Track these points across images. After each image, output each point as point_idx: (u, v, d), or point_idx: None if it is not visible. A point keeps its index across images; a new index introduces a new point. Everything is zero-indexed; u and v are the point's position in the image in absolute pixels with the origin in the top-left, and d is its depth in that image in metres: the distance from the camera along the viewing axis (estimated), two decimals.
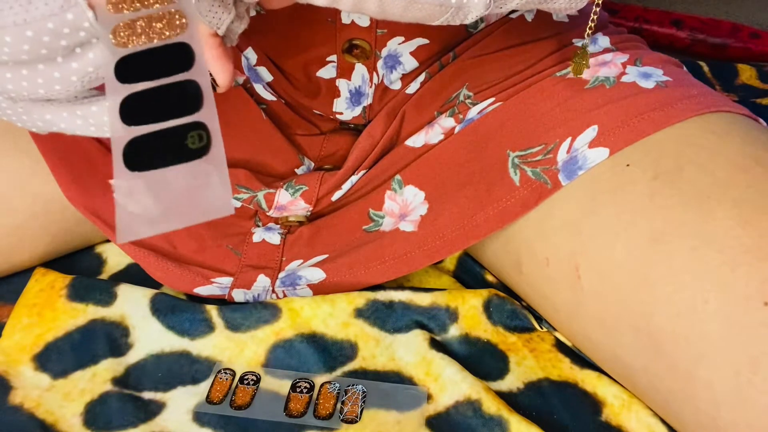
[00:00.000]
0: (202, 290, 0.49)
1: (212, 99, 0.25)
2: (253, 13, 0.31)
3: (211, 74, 0.32)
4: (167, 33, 0.27)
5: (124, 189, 0.24)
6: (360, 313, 0.47)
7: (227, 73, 0.32)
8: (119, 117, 0.25)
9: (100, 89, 0.31)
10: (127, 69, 0.26)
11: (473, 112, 0.50)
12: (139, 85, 0.26)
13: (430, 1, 0.31)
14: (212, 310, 0.46)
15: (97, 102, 0.31)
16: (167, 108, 0.25)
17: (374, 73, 0.53)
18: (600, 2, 0.38)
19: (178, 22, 0.27)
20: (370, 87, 0.54)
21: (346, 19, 0.49)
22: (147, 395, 0.43)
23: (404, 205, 0.49)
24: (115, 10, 0.27)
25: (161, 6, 0.27)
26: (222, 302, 0.48)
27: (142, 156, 0.24)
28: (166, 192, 0.24)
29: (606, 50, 0.49)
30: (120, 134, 0.25)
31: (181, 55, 0.26)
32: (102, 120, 0.31)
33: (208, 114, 0.25)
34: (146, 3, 0.27)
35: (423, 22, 0.32)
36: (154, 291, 0.48)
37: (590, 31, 0.40)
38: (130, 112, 0.25)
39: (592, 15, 0.39)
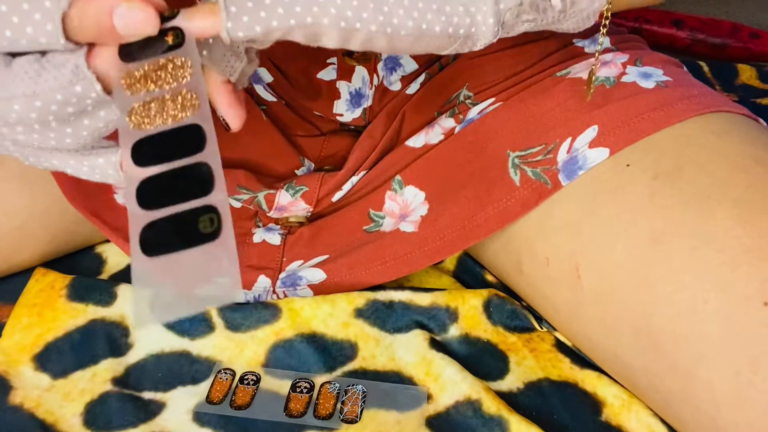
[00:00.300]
0: None
1: (222, 180, 0.26)
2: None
3: (223, 118, 0.34)
4: (180, 115, 0.27)
5: (142, 275, 0.25)
6: (360, 313, 0.47)
7: (240, 118, 0.34)
8: (136, 201, 0.26)
9: (110, 138, 0.31)
10: (142, 151, 0.27)
11: (473, 113, 0.50)
12: (153, 168, 0.26)
13: (438, 35, 0.31)
14: (212, 310, 0.46)
15: (104, 154, 0.31)
16: (180, 191, 0.26)
17: (374, 75, 0.53)
18: (609, 16, 0.37)
19: (190, 103, 0.27)
20: (371, 89, 0.54)
21: None
22: (147, 395, 0.43)
23: (404, 206, 0.49)
24: (130, 91, 0.27)
25: (174, 85, 0.28)
26: None
27: (157, 240, 0.25)
28: (180, 277, 0.25)
29: (606, 50, 0.49)
30: (137, 217, 0.26)
31: (193, 136, 0.27)
32: (107, 172, 0.32)
33: (219, 196, 0.26)
34: (159, 83, 0.28)
35: (433, 53, 0.33)
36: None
37: (599, 51, 0.40)
38: (146, 195, 0.26)
39: (601, 29, 0.39)
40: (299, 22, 0.29)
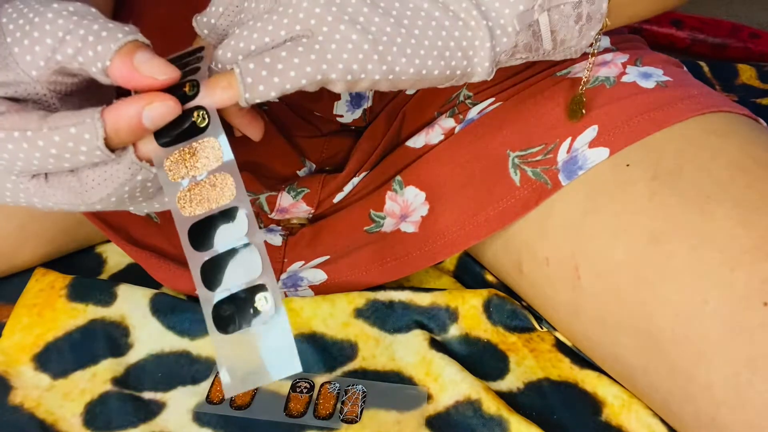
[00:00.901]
0: None
1: (267, 260, 0.29)
2: None
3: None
4: (221, 199, 0.30)
5: (225, 350, 0.29)
6: (360, 313, 0.47)
7: (259, 131, 0.39)
8: (202, 283, 0.30)
9: None
10: (195, 236, 0.30)
11: (473, 112, 0.50)
12: (208, 252, 0.30)
13: (436, 77, 0.33)
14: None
15: (157, 199, 0.34)
16: (236, 272, 0.29)
17: None
18: (600, 38, 0.39)
19: (227, 185, 0.30)
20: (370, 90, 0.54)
21: None
22: (147, 395, 0.43)
23: (405, 206, 0.49)
24: (173, 178, 0.30)
25: (208, 166, 0.31)
26: None
27: (226, 319, 0.29)
28: (251, 352, 0.29)
29: (606, 50, 0.49)
30: (205, 297, 0.30)
31: (234, 217, 0.30)
32: (154, 206, 0.34)
33: (267, 276, 0.29)
34: (197, 166, 0.30)
35: (430, 87, 0.35)
36: (154, 291, 0.48)
37: (589, 69, 0.42)
38: (207, 277, 0.30)
39: (592, 49, 0.40)
40: (310, 81, 0.31)
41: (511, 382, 0.44)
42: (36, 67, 0.29)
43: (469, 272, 0.53)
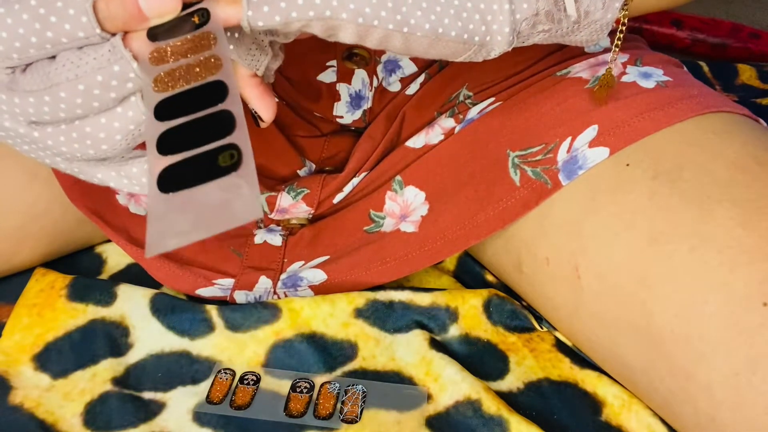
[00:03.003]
0: (203, 291, 0.49)
1: (245, 125, 0.26)
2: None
3: (254, 112, 0.35)
4: (204, 74, 0.28)
5: (156, 209, 0.25)
6: (360, 313, 0.47)
7: (271, 109, 0.35)
8: (155, 148, 0.26)
9: (142, 147, 0.32)
10: (164, 109, 0.27)
11: (473, 112, 0.50)
12: (175, 121, 0.27)
13: (453, 39, 0.32)
14: (212, 310, 0.46)
15: (138, 164, 0.32)
16: (201, 136, 0.26)
17: (374, 77, 0.53)
18: (626, 23, 0.38)
19: (214, 65, 0.28)
20: (370, 90, 0.54)
21: None
22: (147, 395, 0.43)
23: (405, 206, 0.49)
24: (156, 63, 0.28)
25: (202, 54, 0.28)
26: (222, 302, 0.48)
27: (175, 178, 0.25)
28: (197, 206, 0.25)
29: (606, 50, 0.49)
30: (154, 162, 0.26)
31: (215, 91, 0.27)
32: (141, 180, 0.33)
33: (240, 136, 0.26)
34: (187, 54, 0.28)
35: (446, 59, 0.33)
36: (154, 291, 0.48)
37: (616, 52, 0.41)
38: (166, 143, 0.26)
39: (618, 33, 0.39)
40: (318, 14, 0.29)
41: (511, 382, 0.44)
42: None
43: (469, 272, 0.53)
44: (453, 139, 0.49)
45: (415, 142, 0.51)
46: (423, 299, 0.47)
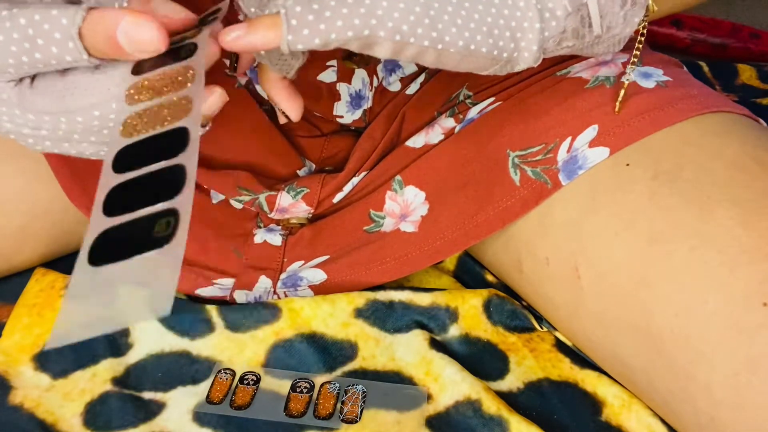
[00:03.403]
0: (203, 291, 0.49)
1: (193, 184, 0.25)
2: None
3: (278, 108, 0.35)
4: (171, 119, 0.27)
5: (78, 286, 0.23)
6: (360, 313, 0.47)
7: (299, 107, 0.36)
8: (101, 208, 0.24)
9: None
10: (124, 158, 0.26)
11: (473, 112, 0.50)
12: (128, 174, 0.25)
13: (484, 55, 0.32)
14: (212, 310, 0.46)
15: None
16: (148, 195, 0.24)
17: (374, 77, 0.53)
18: (645, 32, 0.38)
19: (183, 106, 0.27)
20: (370, 90, 0.54)
21: None
22: (147, 395, 0.43)
23: (405, 206, 0.49)
24: (130, 102, 0.27)
25: (175, 93, 0.27)
26: (222, 302, 0.48)
27: (108, 248, 0.23)
28: (113, 289, 0.23)
29: None
30: (96, 224, 0.24)
31: (177, 140, 0.26)
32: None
33: (183, 201, 0.24)
34: (162, 91, 0.27)
35: (473, 72, 0.34)
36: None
37: (634, 62, 0.41)
38: (113, 202, 0.24)
39: (636, 44, 0.39)
40: (356, 35, 0.29)
41: (511, 382, 0.44)
42: None
43: (469, 272, 0.53)
44: (453, 139, 0.49)
45: (415, 141, 0.51)
46: (423, 299, 0.47)
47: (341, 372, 0.45)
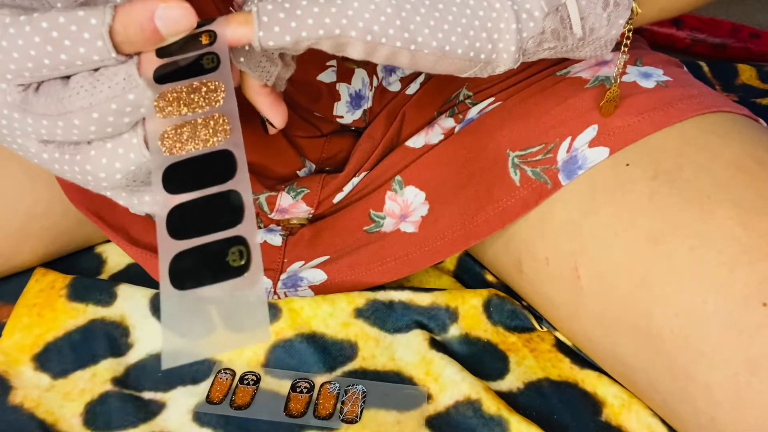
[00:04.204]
0: None
1: (252, 211, 0.26)
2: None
3: (265, 119, 0.35)
4: (212, 140, 0.27)
5: (171, 310, 0.24)
6: (360, 313, 0.47)
7: (282, 116, 0.36)
8: (166, 230, 0.25)
9: None
10: (173, 177, 0.26)
11: (473, 112, 0.50)
12: (183, 196, 0.26)
13: (460, 57, 0.32)
14: (212, 310, 0.46)
15: (150, 193, 0.32)
16: (210, 220, 0.25)
17: (374, 77, 0.53)
18: (630, 36, 0.38)
19: (221, 128, 0.27)
20: (370, 90, 0.54)
21: None
22: (147, 395, 0.43)
23: (405, 206, 0.49)
24: (163, 114, 0.28)
25: (207, 108, 0.28)
26: None
27: (187, 273, 0.24)
28: (208, 314, 0.24)
29: None
30: (166, 248, 0.25)
31: (224, 164, 0.27)
32: (153, 208, 0.32)
33: (248, 228, 0.25)
34: (193, 106, 0.28)
35: (452, 74, 0.34)
36: (154, 291, 0.48)
37: (620, 65, 0.41)
38: (176, 224, 0.25)
39: (622, 47, 0.39)
40: (327, 33, 0.30)
41: (511, 382, 0.44)
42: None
43: (469, 272, 0.53)
44: (453, 139, 0.49)
45: (415, 141, 0.51)
46: (423, 299, 0.47)
47: (341, 372, 0.45)
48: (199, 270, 0.24)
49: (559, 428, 0.42)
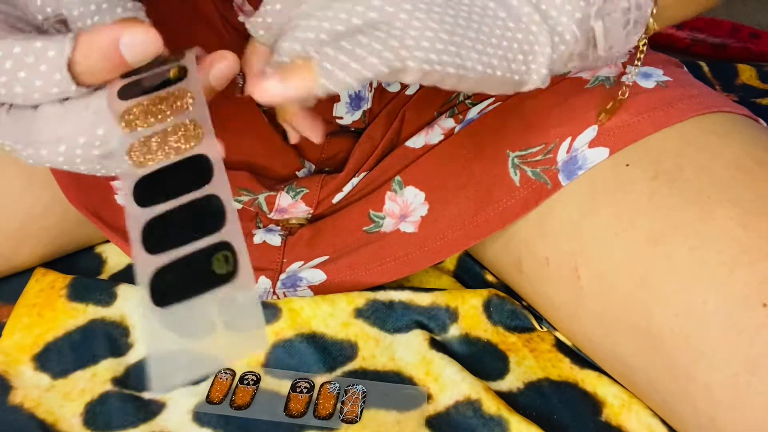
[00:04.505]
0: None
1: (235, 213, 0.24)
2: None
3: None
4: (183, 146, 0.26)
5: (155, 331, 0.22)
6: (360, 313, 0.47)
7: (320, 131, 0.38)
8: (142, 246, 0.23)
9: None
10: (145, 190, 0.25)
11: (473, 112, 0.50)
12: (159, 207, 0.24)
13: (498, 78, 0.32)
14: (212, 310, 0.46)
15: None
16: (189, 229, 0.24)
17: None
18: (644, 50, 0.38)
19: (193, 133, 0.26)
20: (370, 91, 0.54)
21: None
22: (147, 395, 0.43)
23: (405, 206, 0.49)
24: (129, 128, 0.26)
25: (175, 117, 0.26)
26: None
27: (170, 288, 0.23)
28: (197, 329, 0.23)
29: None
30: (144, 265, 0.23)
31: (199, 168, 0.25)
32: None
33: (232, 231, 0.23)
34: (160, 117, 0.26)
35: (483, 92, 0.34)
36: None
37: (634, 71, 0.41)
38: (153, 238, 0.24)
39: (636, 62, 0.39)
40: (390, 68, 0.29)
41: (511, 382, 0.44)
42: (43, 12, 0.28)
43: (469, 272, 0.53)
44: (453, 139, 0.49)
45: (415, 142, 0.51)
46: (423, 299, 0.47)
47: (341, 372, 0.45)
48: (182, 283, 0.23)
49: (559, 428, 0.42)
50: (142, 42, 0.26)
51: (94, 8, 0.27)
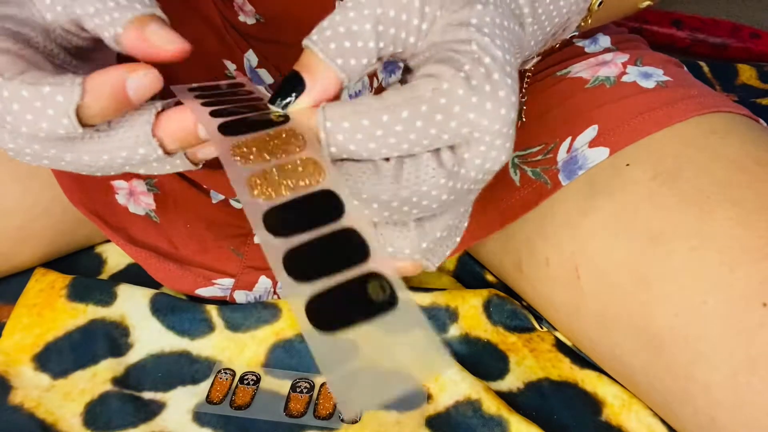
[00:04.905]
0: (203, 291, 0.49)
1: (377, 244, 0.24)
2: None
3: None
4: (307, 181, 0.26)
5: (322, 355, 0.22)
6: None
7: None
8: (287, 274, 0.23)
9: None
10: (275, 221, 0.24)
11: None
12: (295, 238, 0.24)
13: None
14: (212, 310, 0.46)
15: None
16: (333, 260, 0.23)
17: (374, 78, 0.53)
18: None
19: (313, 170, 0.26)
20: (370, 91, 0.54)
21: None
22: (147, 395, 0.43)
23: None
24: (243, 161, 0.26)
25: (290, 155, 0.26)
26: (222, 302, 0.48)
27: (331, 314, 0.22)
28: (374, 352, 0.22)
29: (606, 50, 0.49)
30: (292, 292, 0.23)
31: (328, 203, 0.25)
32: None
33: (380, 264, 0.23)
34: (273, 150, 0.26)
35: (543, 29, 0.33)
36: (154, 291, 0.48)
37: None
38: (297, 267, 0.23)
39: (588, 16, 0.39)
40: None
41: (511, 382, 0.44)
42: (53, 11, 0.28)
43: (469, 272, 0.53)
44: None
45: None
46: (423, 299, 0.47)
47: None
48: (342, 309, 0.23)
49: (559, 428, 0.42)
50: (147, 83, 0.27)
51: (113, 5, 0.27)
